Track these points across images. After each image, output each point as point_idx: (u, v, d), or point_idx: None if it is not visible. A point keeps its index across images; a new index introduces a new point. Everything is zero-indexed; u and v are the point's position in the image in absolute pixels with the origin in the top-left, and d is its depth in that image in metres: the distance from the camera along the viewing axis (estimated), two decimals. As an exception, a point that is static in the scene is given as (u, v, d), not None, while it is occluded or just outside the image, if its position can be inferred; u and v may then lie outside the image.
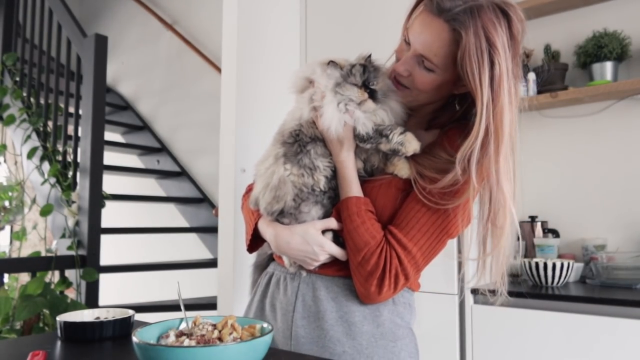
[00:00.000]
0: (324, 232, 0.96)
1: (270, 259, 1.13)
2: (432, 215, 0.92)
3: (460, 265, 1.80)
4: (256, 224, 1.04)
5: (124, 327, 0.94)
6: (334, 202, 0.99)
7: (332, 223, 0.96)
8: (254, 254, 1.18)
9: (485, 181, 0.88)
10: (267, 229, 1.00)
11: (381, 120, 0.94)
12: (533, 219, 2.09)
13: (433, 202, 0.90)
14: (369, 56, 0.97)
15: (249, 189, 1.15)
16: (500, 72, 0.84)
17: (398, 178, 0.95)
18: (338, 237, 0.97)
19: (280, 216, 0.97)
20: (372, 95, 0.93)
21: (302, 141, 0.96)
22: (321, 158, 0.96)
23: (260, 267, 1.15)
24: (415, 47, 0.91)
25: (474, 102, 0.88)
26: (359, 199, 0.94)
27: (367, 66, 0.94)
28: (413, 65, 0.93)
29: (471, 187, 0.87)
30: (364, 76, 0.93)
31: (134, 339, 0.69)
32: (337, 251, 0.96)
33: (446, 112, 1.02)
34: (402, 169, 0.95)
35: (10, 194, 3.76)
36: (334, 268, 0.98)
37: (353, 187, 0.95)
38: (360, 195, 0.95)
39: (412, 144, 0.91)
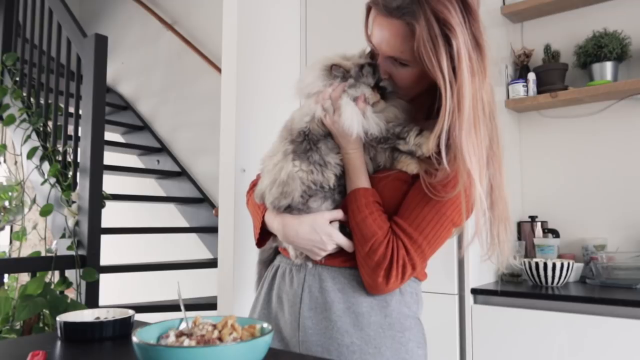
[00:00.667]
0: (330, 222, 0.97)
1: (276, 253, 1.13)
2: (436, 204, 0.92)
3: (460, 263, 1.80)
4: (263, 217, 1.04)
5: (124, 327, 0.94)
6: (345, 196, 0.99)
7: (340, 214, 0.97)
8: (257, 251, 1.18)
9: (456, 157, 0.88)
10: (274, 220, 1.00)
11: (394, 116, 0.95)
12: (533, 219, 2.09)
13: (433, 194, 0.91)
14: (370, 52, 0.99)
15: (253, 184, 1.16)
16: (458, 47, 0.84)
17: (404, 171, 0.96)
18: (345, 228, 0.98)
19: (288, 211, 0.98)
20: (382, 93, 0.96)
21: (312, 140, 0.97)
22: (332, 154, 0.97)
23: (266, 263, 1.16)
24: (382, 51, 0.94)
25: None
26: (367, 191, 0.95)
27: (376, 65, 0.96)
28: (389, 66, 0.96)
29: (461, 174, 0.87)
30: (375, 76, 0.95)
31: (134, 339, 0.69)
32: (344, 241, 0.97)
33: (438, 96, 1.02)
34: (410, 165, 0.96)
35: (10, 194, 3.76)
36: (340, 259, 0.99)
37: (361, 178, 0.96)
38: (368, 186, 0.96)
39: (428, 145, 0.91)
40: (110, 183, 3.59)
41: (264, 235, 1.07)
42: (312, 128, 0.98)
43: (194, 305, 2.94)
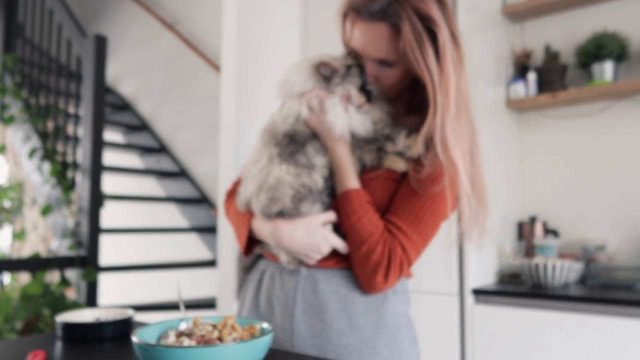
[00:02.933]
0: (323, 225, 0.96)
1: (258, 257, 1.11)
2: (427, 200, 0.93)
3: (460, 262, 1.80)
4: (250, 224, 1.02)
5: (124, 327, 0.94)
6: (334, 198, 0.98)
7: (333, 216, 0.97)
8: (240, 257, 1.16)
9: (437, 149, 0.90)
10: (264, 226, 0.98)
11: (379, 118, 0.95)
12: (533, 219, 2.09)
13: (422, 189, 0.92)
14: (352, 52, 0.98)
15: (230, 193, 1.14)
16: (443, 41, 0.87)
17: (393, 170, 0.96)
18: (337, 230, 0.97)
19: (279, 217, 0.97)
20: (368, 95, 0.96)
21: (298, 142, 0.96)
22: (319, 155, 0.96)
23: (249, 268, 1.14)
24: (368, 54, 0.94)
25: None
26: (359, 191, 0.95)
27: (363, 67, 0.95)
28: (375, 69, 0.96)
29: (446, 166, 0.88)
30: (361, 78, 0.94)
31: (134, 339, 0.69)
32: (339, 243, 0.96)
33: (418, 91, 1.02)
34: (398, 163, 0.96)
35: (10, 194, 3.76)
36: (333, 260, 0.98)
37: (351, 179, 0.96)
38: (358, 187, 0.96)
39: (417, 147, 0.92)
40: (110, 183, 3.59)
41: (250, 243, 1.04)
42: (298, 129, 0.96)
43: (193, 305, 2.94)
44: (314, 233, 0.94)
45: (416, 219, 0.93)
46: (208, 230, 3.60)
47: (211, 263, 3.30)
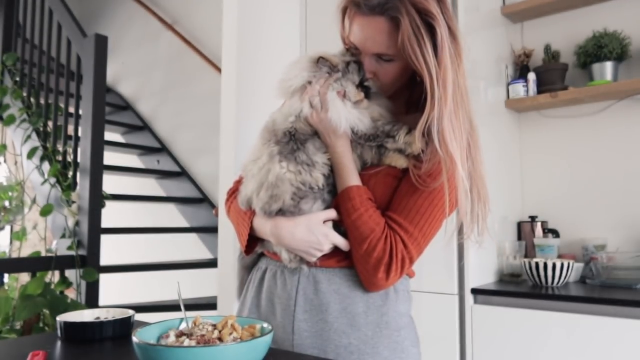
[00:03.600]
0: (324, 222, 0.96)
1: (259, 256, 1.11)
2: (428, 196, 0.93)
3: (461, 263, 1.80)
4: (251, 223, 1.02)
5: (124, 327, 0.94)
6: (335, 196, 0.98)
7: (333, 214, 0.97)
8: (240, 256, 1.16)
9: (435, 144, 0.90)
10: (265, 223, 0.98)
11: (378, 115, 0.96)
12: (533, 219, 2.09)
13: (422, 185, 0.92)
14: (348, 49, 0.99)
15: (231, 192, 1.14)
16: (441, 35, 0.87)
17: (393, 167, 0.96)
18: (338, 227, 0.97)
19: (280, 214, 0.97)
20: (366, 92, 0.96)
21: (299, 140, 0.96)
22: (319, 153, 0.96)
23: (250, 267, 1.14)
24: (366, 49, 0.94)
25: None
26: (360, 188, 0.95)
27: (361, 63, 0.96)
28: (374, 65, 0.96)
29: (444, 160, 0.89)
30: (360, 74, 0.94)
31: (134, 339, 0.69)
32: (340, 241, 0.96)
33: (416, 88, 1.03)
34: (399, 160, 0.96)
35: (10, 194, 3.76)
36: (334, 259, 0.98)
37: (352, 176, 0.96)
38: (359, 184, 0.96)
39: (418, 144, 0.92)
40: (110, 183, 3.58)
41: (251, 241, 1.04)
42: (298, 127, 0.96)
43: (194, 305, 2.94)
44: (315, 230, 0.94)
45: (417, 215, 0.93)
46: (208, 230, 3.60)
47: (211, 263, 3.30)
